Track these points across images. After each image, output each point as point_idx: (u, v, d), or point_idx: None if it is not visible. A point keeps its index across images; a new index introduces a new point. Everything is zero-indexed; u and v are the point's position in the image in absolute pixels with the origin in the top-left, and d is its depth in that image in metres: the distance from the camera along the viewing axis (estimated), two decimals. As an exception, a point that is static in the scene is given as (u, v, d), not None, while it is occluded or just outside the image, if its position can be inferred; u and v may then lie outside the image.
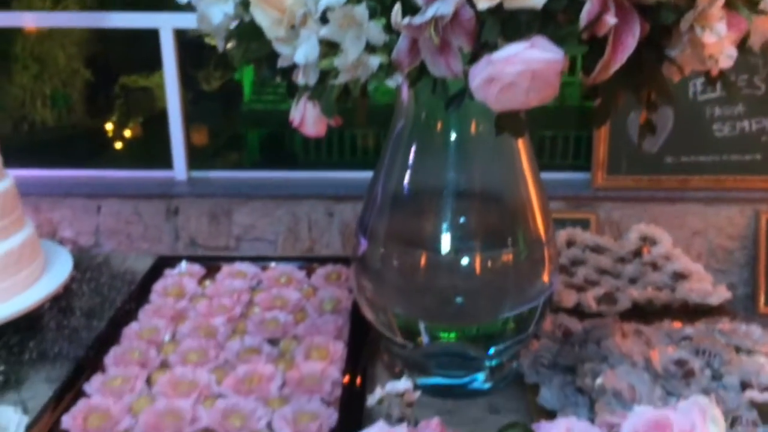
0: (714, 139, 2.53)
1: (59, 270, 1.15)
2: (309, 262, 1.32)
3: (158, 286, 1.22)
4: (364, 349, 1.04)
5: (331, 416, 0.89)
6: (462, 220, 0.92)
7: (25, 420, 0.86)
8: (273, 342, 1.07)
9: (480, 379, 0.98)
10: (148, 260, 1.35)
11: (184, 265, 1.29)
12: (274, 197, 2.95)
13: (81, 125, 3.37)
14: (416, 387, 0.98)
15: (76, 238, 1.95)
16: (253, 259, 1.32)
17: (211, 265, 1.31)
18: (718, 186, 2.57)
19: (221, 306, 1.15)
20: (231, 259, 1.32)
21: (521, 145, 0.91)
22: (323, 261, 1.32)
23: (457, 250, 0.90)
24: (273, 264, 1.31)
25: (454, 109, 0.67)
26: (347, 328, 1.10)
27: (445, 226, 0.91)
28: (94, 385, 0.95)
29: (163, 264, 1.31)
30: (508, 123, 0.63)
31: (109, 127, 3.39)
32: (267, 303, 1.17)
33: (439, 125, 0.86)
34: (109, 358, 1.01)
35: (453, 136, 0.86)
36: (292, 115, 0.77)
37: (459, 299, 0.92)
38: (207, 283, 1.26)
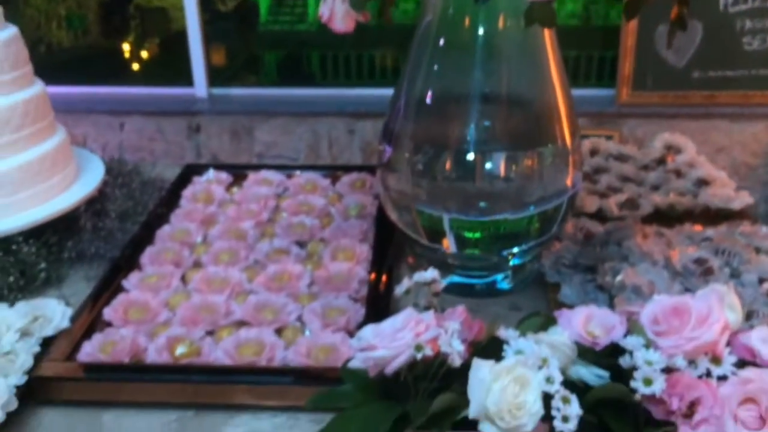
0: (743, 53, 2.47)
1: (92, 175, 1.18)
2: (333, 171, 1.34)
3: (187, 192, 1.25)
4: (388, 252, 1.07)
5: (359, 311, 0.92)
6: (487, 122, 0.93)
7: (69, 312, 0.90)
8: (301, 244, 1.10)
9: (501, 279, 1.01)
10: (176, 168, 1.38)
11: (211, 172, 1.32)
12: (294, 115, 2.94)
13: (97, 46, 3.36)
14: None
15: (101, 155, 1.98)
16: (278, 168, 1.34)
17: (238, 174, 1.34)
18: (746, 102, 2.52)
19: (249, 211, 1.18)
20: (257, 168, 1.35)
21: (549, 47, 0.90)
22: (347, 169, 1.34)
23: (482, 152, 0.91)
24: (298, 172, 1.34)
25: (483, 1, 0.67)
26: (372, 232, 1.12)
27: (470, 128, 0.92)
28: (131, 281, 0.99)
29: (190, 172, 1.33)
30: (538, 12, 0.63)
31: (125, 47, 3.38)
32: (293, 208, 1.20)
33: (466, 21, 0.85)
34: (145, 258, 1.05)
35: (480, 32, 0.85)
36: (321, 11, 0.77)
37: (483, 200, 0.93)
38: (234, 190, 1.29)
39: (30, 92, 1.08)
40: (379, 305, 0.94)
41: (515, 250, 0.94)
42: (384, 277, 1.00)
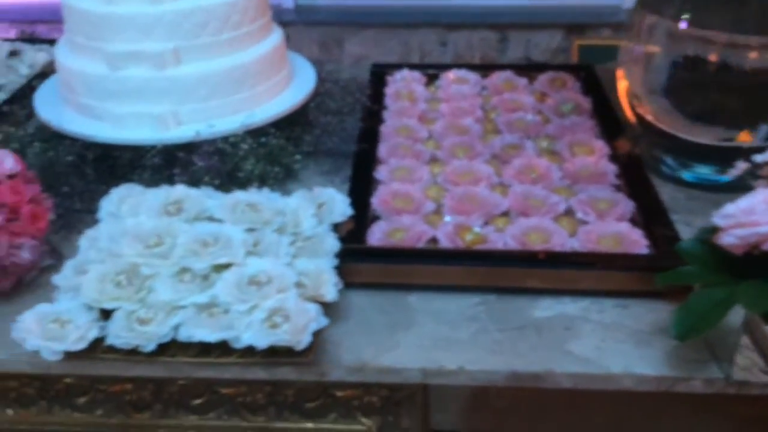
0: None
1: (306, 71, 1.16)
2: (526, 70, 1.32)
3: (390, 91, 1.24)
4: (619, 146, 1.06)
5: (627, 204, 0.92)
6: None
7: (348, 200, 0.90)
8: (529, 140, 1.09)
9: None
10: (357, 68, 1.36)
11: (405, 71, 1.30)
12: (386, 26, 2.88)
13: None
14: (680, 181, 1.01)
15: None
16: (468, 67, 1.32)
17: (427, 73, 1.32)
18: None
19: (461, 108, 1.17)
20: (443, 67, 1.32)
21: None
22: (540, 68, 1.32)
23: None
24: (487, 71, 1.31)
25: None
26: (597, 128, 1.11)
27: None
28: (382, 173, 1.00)
29: (380, 72, 1.31)
30: None
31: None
32: (505, 106, 1.18)
33: None
34: (383, 152, 1.05)
35: None
36: None
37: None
38: (432, 88, 1.27)
39: (257, -18, 1.06)
40: (644, 195, 0.93)
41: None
42: (621, 168, 1.00)
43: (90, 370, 0.75)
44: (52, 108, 1.03)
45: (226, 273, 0.74)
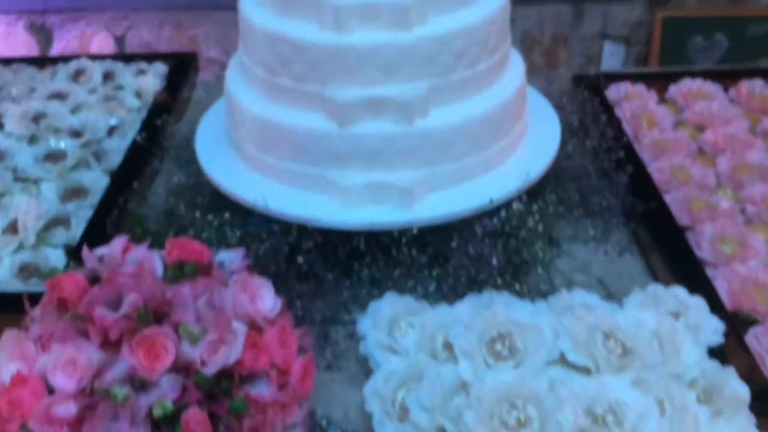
0: None
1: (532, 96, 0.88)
2: (763, 75, 1.04)
3: (624, 114, 0.96)
4: None
5: None
6: None
7: (705, 304, 0.63)
8: None
9: None
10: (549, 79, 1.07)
11: (627, 85, 1.02)
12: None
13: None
14: None
15: (223, 58, 1.67)
16: (691, 74, 1.04)
17: (653, 83, 1.03)
18: None
19: (732, 137, 0.90)
20: (667, 76, 1.04)
21: None
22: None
23: None
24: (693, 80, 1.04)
25: None
26: None
27: None
28: (706, 250, 0.73)
29: (591, 83, 1.02)
30: None
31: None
32: (785, 130, 0.92)
33: None
34: (675, 211, 0.78)
35: None
36: None
37: None
38: (672, 108, 0.99)
39: None
40: None
41: None
42: None
43: None
44: (232, 173, 0.74)
45: (646, 472, 0.47)
